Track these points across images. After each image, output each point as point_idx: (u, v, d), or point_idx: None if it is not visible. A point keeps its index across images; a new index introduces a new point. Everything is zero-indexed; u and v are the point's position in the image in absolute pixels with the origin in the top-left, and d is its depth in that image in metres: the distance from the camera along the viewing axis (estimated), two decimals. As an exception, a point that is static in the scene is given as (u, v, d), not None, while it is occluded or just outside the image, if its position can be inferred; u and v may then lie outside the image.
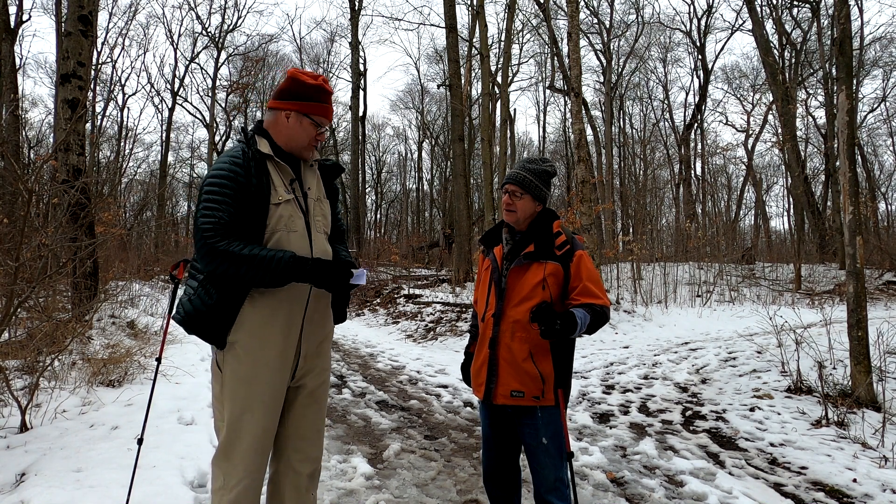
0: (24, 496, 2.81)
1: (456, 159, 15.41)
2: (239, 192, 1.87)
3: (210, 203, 1.86)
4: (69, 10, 6.99)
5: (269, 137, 2.02)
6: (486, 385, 2.21)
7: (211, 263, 1.83)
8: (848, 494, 3.27)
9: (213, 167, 1.95)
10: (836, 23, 7.44)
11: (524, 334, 2.15)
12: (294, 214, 1.97)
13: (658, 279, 12.22)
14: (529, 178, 2.25)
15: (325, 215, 2.12)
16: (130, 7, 26.73)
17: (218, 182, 1.87)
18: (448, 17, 15.32)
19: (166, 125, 28.70)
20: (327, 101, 2.04)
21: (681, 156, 25.99)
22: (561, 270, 2.17)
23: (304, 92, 1.99)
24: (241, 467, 1.90)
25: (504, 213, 2.30)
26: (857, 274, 4.89)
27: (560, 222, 2.29)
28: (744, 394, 5.37)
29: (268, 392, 1.93)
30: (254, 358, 1.91)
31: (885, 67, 22.97)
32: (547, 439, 2.15)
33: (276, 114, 2.01)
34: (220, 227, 1.83)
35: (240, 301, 1.90)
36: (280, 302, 1.93)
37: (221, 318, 1.90)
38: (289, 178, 2.01)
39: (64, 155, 6.70)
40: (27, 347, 4.56)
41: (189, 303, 1.91)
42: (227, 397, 1.93)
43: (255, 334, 1.92)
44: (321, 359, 2.11)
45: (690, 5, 30.80)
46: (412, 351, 8.59)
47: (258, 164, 1.93)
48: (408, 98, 36.52)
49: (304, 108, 1.99)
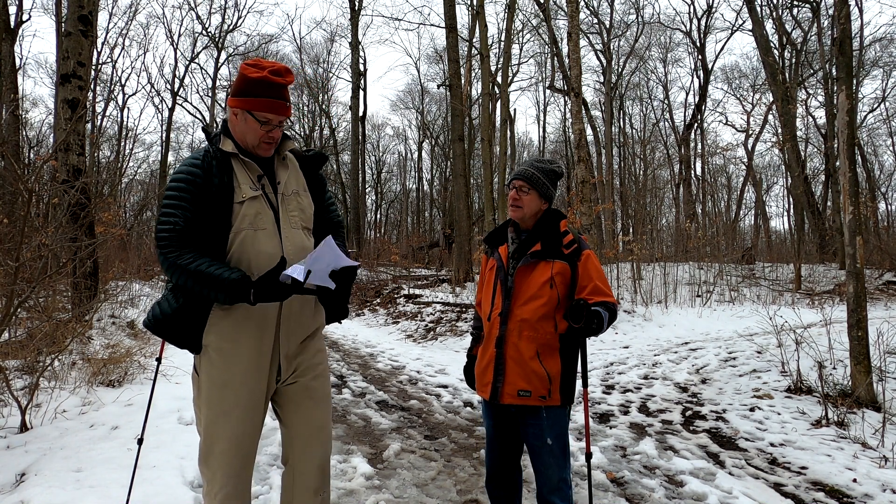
0: (24, 496, 2.81)
1: (456, 159, 15.41)
2: (198, 195, 1.82)
3: (166, 209, 1.82)
4: (69, 10, 6.99)
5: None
6: (493, 384, 2.20)
7: (165, 273, 1.83)
8: (848, 494, 3.26)
9: (173, 172, 1.91)
10: (836, 23, 7.44)
11: (532, 333, 2.15)
12: (262, 212, 1.90)
13: (658, 279, 12.22)
14: (537, 175, 2.25)
15: (302, 209, 2.02)
16: (130, 7, 26.76)
17: (175, 186, 1.84)
18: (448, 17, 15.32)
19: (166, 125, 28.71)
20: (273, 94, 1.87)
21: (681, 156, 25.99)
22: (568, 269, 2.17)
23: (247, 87, 1.87)
24: (220, 473, 1.87)
25: (510, 210, 2.30)
26: (857, 274, 4.89)
27: (566, 221, 2.30)
28: (744, 394, 5.37)
29: (244, 395, 1.89)
30: (228, 360, 1.88)
31: (885, 67, 22.98)
32: (552, 440, 2.15)
33: (230, 112, 1.93)
34: (174, 234, 1.79)
35: (208, 304, 1.86)
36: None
37: (189, 322, 1.86)
38: (256, 174, 1.93)
39: (64, 155, 6.70)
40: (27, 347, 4.56)
41: (157, 307, 1.90)
42: (203, 402, 1.92)
43: (227, 337, 1.88)
44: (309, 355, 2.04)
45: (690, 5, 30.81)
46: (412, 351, 8.59)
47: (220, 163, 1.88)
48: (408, 98, 36.53)
49: (247, 105, 1.87)
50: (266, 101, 1.86)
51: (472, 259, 14.48)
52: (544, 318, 2.15)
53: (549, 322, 2.16)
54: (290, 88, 1.97)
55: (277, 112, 1.88)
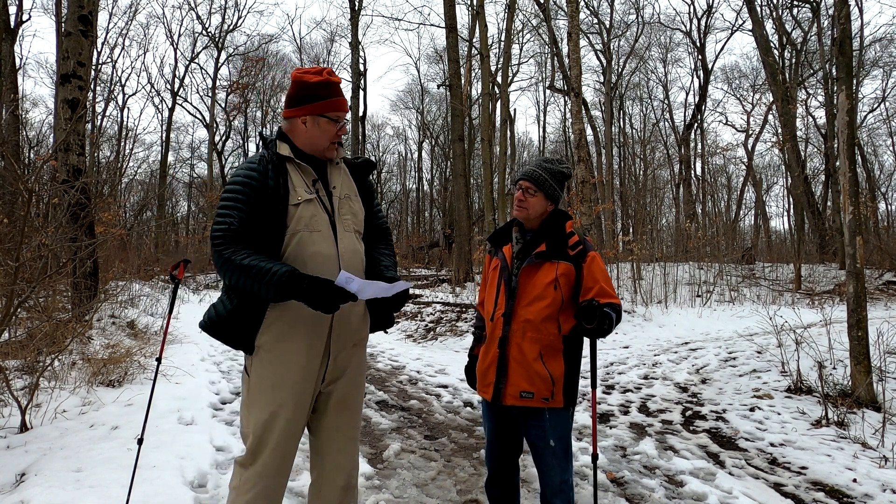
0: (24, 496, 2.81)
1: (456, 159, 15.41)
2: (254, 197, 1.87)
3: (222, 210, 1.86)
4: (69, 10, 6.99)
5: (290, 141, 2.01)
6: (496, 385, 2.18)
7: (219, 271, 1.84)
8: (848, 494, 3.26)
9: (230, 176, 1.97)
10: (836, 23, 7.44)
11: (535, 334, 2.13)
12: (317, 214, 1.94)
13: (658, 279, 12.22)
14: (545, 176, 2.23)
15: (354, 213, 2.06)
16: (130, 7, 26.81)
17: (232, 189, 1.89)
18: (448, 17, 15.32)
19: (166, 125, 28.73)
20: (337, 93, 1.98)
21: (681, 156, 25.99)
22: (573, 271, 2.16)
23: (312, 92, 1.94)
24: (261, 471, 1.87)
25: (515, 210, 2.28)
26: (857, 274, 4.89)
27: (572, 223, 2.28)
28: (744, 394, 5.37)
29: (294, 396, 1.89)
30: (279, 361, 1.89)
31: (885, 67, 23.00)
32: (554, 441, 2.13)
33: (292, 122, 1.98)
34: (229, 233, 1.82)
35: (263, 305, 1.88)
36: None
37: (244, 323, 1.89)
38: (311, 179, 1.98)
39: (64, 155, 6.70)
40: (27, 347, 4.56)
41: (213, 309, 1.93)
42: (252, 402, 1.92)
43: (281, 337, 1.89)
44: (353, 362, 2.05)
45: (690, 5, 30.81)
46: (412, 351, 8.58)
47: (276, 167, 1.92)
48: (408, 98, 36.58)
49: (317, 110, 1.95)
50: (334, 100, 1.96)
51: (473, 259, 14.48)
52: (548, 320, 2.14)
53: (552, 323, 2.15)
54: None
55: (344, 109, 1.99)
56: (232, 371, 6.09)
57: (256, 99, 32.59)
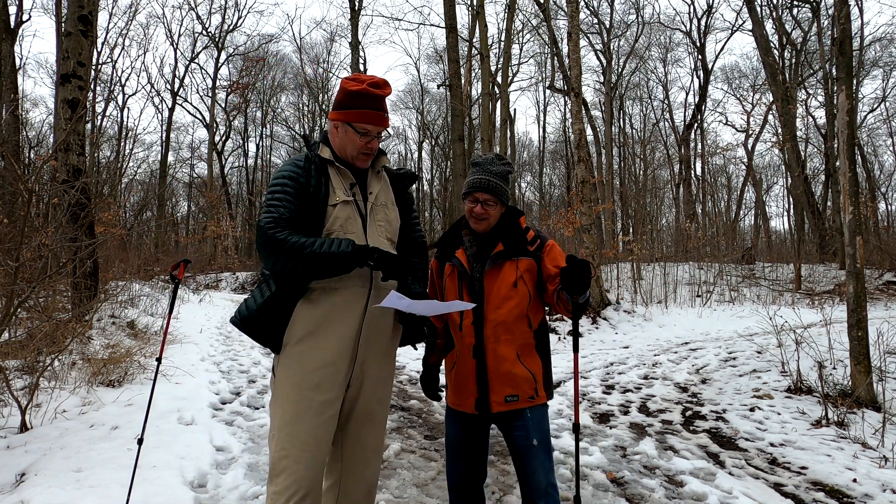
0: (24, 496, 2.81)
1: (456, 159, 15.40)
2: (299, 192, 1.91)
3: (271, 202, 1.89)
4: (69, 10, 6.99)
5: (330, 145, 2.05)
6: (478, 397, 2.12)
7: (271, 256, 1.82)
8: (848, 494, 3.26)
9: (276, 172, 2.00)
10: (836, 23, 7.44)
11: (509, 336, 2.11)
12: (351, 217, 1.96)
13: (658, 279, 12.22)
14: (500, 184, 2.18)
15: (389, 221, 2.07)
16: (130, 7, 26.81)
17: (280, 182, 1.92)
18: (448, 17, 15.32)
19: (166, 125, 28.72)
20: (372, 105, 1.96)
21: (681, 156, 26.00)
22: (535, 265, 2.15)
23: (347, 100, 1.96)
24: (292, 478, 1.83)
25: (473, 222, 2.19)
26: (857, 274, 4.89)
27: (524, 218, 2.26)
28: (744, 394, 5.37)
29: (319, 396, 1.88)
30: (306, 360, 1.89)
31: (885, 67, 23.00)
32: (538, 441, 2.08)
33: (331, 125, 2.03)
34: (281, 220, 1.85)
35: (295, 298, 1.90)
36: (335, 304, 1.91)
37: (274, 316, 1.90)
38: (349, 183, 2.00)
39: (64, 155, 6.70)
40: (27, 347, 4.56)
41: (244, 303, 1.95)
42: (278, 402, 1.92)
43: (308, 336, 1.90)
44: (380, 369, 2.03)
45: (690, 5, 30.81)
46: (412, 351, 8.57)
47: (318, 168, 1.97)
48: (408, 98, 36.49)
49: (347, 117, 1.97)
50: (365, 112, 1.95)
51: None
52: (519, 319, 2.12)
53: (523, 321, 2.13)
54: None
55: (376, 123, 1.97)
56: (232, 371, 6.08)
57: (256, 99, 32.59)
